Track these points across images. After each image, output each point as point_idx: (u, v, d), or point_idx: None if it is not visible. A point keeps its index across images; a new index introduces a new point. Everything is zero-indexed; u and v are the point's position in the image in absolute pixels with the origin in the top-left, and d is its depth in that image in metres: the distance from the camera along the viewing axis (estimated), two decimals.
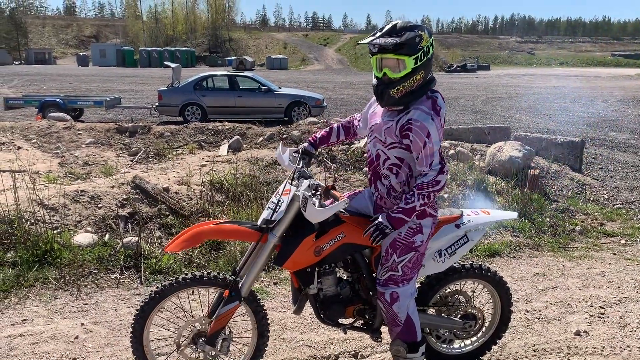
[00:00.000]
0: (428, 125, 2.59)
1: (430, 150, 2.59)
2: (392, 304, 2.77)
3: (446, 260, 3.01)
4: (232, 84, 15.41)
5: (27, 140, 9.02)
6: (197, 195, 5.94)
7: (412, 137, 2.63)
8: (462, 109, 20.09)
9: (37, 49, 75.61)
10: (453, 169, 7.41)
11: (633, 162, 10.46)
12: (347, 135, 3.21)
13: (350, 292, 3.01)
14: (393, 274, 2.79)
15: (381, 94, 2.72)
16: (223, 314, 2.76)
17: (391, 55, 2.62)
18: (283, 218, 2.71)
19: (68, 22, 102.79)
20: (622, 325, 3.98)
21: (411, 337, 2.84)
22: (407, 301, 2.79)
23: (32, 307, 4.03)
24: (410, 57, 2.60)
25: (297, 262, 2.77)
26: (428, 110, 2.63)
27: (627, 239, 6.08)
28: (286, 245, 2.75)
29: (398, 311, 2.77)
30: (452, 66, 65.18)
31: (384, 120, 2.79)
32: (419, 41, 2.61)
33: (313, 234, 2.76)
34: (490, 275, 3.20)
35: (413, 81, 2.65)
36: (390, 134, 2.74)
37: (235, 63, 61.16)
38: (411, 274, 2.81)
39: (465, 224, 3.04)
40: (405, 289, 2.80)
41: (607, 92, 28.43)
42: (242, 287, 2.79)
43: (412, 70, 2.63)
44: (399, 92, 2.66)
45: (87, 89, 25.73)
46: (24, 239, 4.63)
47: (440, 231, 2.98)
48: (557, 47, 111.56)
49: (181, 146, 9.05)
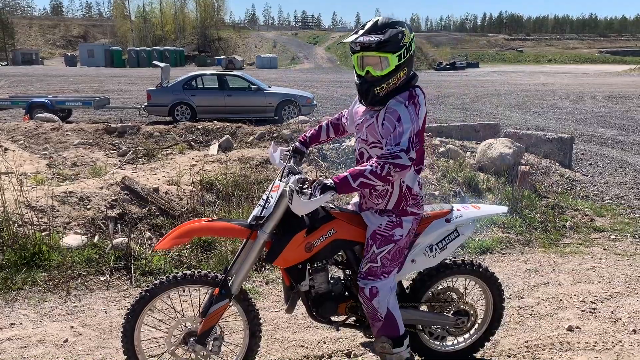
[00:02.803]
0: (399, 110, 2.60)
1: (398, 132, 2.56)
2: (371, 299, 2.76)
3: (437, 255, 3.02)
4: (222, 83, 15.34)
5: (14, 141, 8.91)
6: (188, 196, 5.90)
7: (386, 124, 2.64)
8: (452, 107, 20.15)
9: (24, 49, 74.76)
10: (444, 166, 7.42)
11: (622, 157, 10.54)
12: (336, 133, 3.21)
13: (342, 289, 3.01)
14: (372, 265, 2.79)
15: (365, 92, 2.70)
16: (213, 313, 2.74)
17: (375, 53, 2.60)
18: (272, 214, 2.71)
19: (55, 22, 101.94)
20: (613, 320, 4.00)
21: (394, 332, 2.83)
22: (386, 296, 2.78)
23: (21, 310, 3.97)
24: (393, 55, 2.60)
25: (288, 259, 2.76)
26: (403, 99, 2.64)
27: (616, 234, 6.12)
28: (277, 242, 2.74)
29: (378, 306, 2.76)
30: (442, 64, 65.40)
31: (366, 118, 2.80)
32: (401, 38, 2.61)
33: (304, 230, 2.75)
34: (481, 271, 3.20)
35: (397, 78, 2.65)
36: (371, 132, 2.74)
37: (224, 62, 60.94)
38: (390, 266, 2.81)
39: (455, 219, 3.05)
40: (384, 283, 2.79)
41: (595, 89, 28.65)
42: (232, 285, 2.78)
43: (395, 68, 2.62)
44: (384, 90, 2.65)
45: (75, 90, 25.50)
46: (11, 241, 4.56)
47: (430, 226, 2.99)
48: (545, 44, 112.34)
49: (171, 146, 8.98)
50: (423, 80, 33.96)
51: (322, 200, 2.48)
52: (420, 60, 66.92)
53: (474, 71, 57.70)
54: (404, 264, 2.97)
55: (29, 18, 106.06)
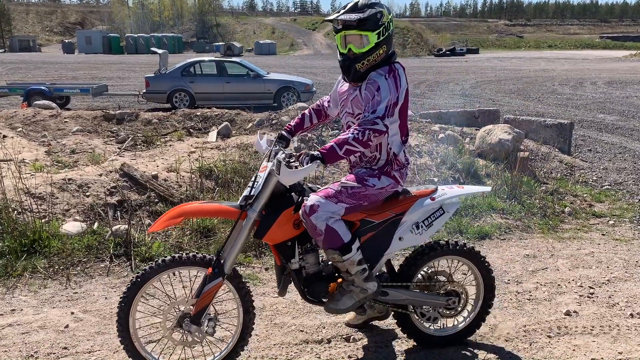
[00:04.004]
0: (379, 81, 2.80)
1: (376, 101, 2.76)
2: (310, 214, 2.77)
3: (424, 232, 3.11)
4: (221, 69, 15.27)
5: (13, 129, 8.88)
6: (187, 182, 5.90)
7: (365, 93, 2.83)
8: (452, 93, 20.09)
9: (21, 36, 74.31)
10: (443, 152, 7.41)
11: (621, 143, 10.53)
12: (319, 118, 3.35)
13: (333, 269, 3.07)
14: (330, 187, 2.88)
15: (347, 68, 2.90)
16: (207, 292, 2.79)
17: (355, 31, 2.81)
18: (261, 192, 2.79)
19: (52, 9, 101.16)
20: (611, 305, 4.02)
21: (337, 242, 2.82)
22: (325, 215, 2.77)
23: (21, 296, 3.99)
24: (373, 32, 2.80)
25: (277, 235, 2.84)
26: (383, 72, 2.84)
27: (615, 220, 6.13)
28: (266, 219, 2.82)
29: (316, 222, 2.76)
30: (441, 50, 65.06)
31: (350, 92, 2.99)
32: (380, 17, 2.82)
33: (292, 207, 2.85)
34: (459, 249, 3.23)
35: (377, 55, 2.85)
36: (356, 104, 2.94)
37: (223, 49, 60.63)
38: (343, 198, 2.86)
39: (439, 197, 3.13)
40: (328, 204, 2.80)
41: (595, 75, 28.55)
42: (224, 263, 2.83)
43: (375, 45, 2.83)
44: (364, 66, 2.86)
45: (73, 77, 25.40)
46: (11, 228, 4.56)
47: (416, 204, 3.08)
48: (545, 30, 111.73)
49: (169, 133, 8.95)
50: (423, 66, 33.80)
51: (309, 169, 2.61)
52: (420, 46, 66.65)
53: (474, 57, 57.42)
54: (392, 242, 3.03)
55: (26, 4, 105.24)
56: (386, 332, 3.55)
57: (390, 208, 3.03)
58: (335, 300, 2.99)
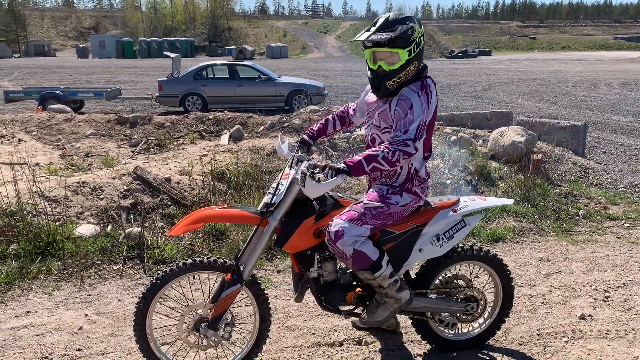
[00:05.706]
0: (412, 98, 2.74)
1: (409, 120, 2.70)
2: (335, 240, 2.71)
3: (444, 245, 3.05)
4: (232, 73, 15.35)
5: (28, 132, 9.00)
6: (199, 185, 5.93)
7: (397, 110, 2.76)
8: (464, 95, 19.99)
9: (36, 41, 75.21)
10: (455, 155, 7.38)
11: (636, 145, 10.40)
12: (342, 125, 3.30)
13: (350, 278, 3.05)
14: (354, 209, 2.82)
15: (378, 85, 2.83)
16: (225, 297, 2.78)
17: (386, 49, 2.73)
18: (283, 201, 2.76)
19: (67, 14, 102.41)
20: (626, 309, 3.97)
21: (367, 263, 2.78)
22: (351, 240, 2.72)
23: (36, 298, 4.03)
24: (404, 50, 2.74)
25: (297, 244, 2.82)
26: (415, 88, 2.78)
27: (630, 222, 6.05)
28: (286, 227, 2.80)
29: (342, 248, 2.71)
30: (453, 52, 64.83)
31: (379, 105, 2.92)
32: (411, 33, 2.74)
33: (313, 216, 2.83)
34: (483, 255, 3.20)
35: (407, 72, 2.79)
36: (384, 118, 2.86)
37: (235, 52, 60.86)
38: (368, 220, 2.80)
39: (462, 209, 3.08)
40: (354, 229, 2.74)
41: (609, 76, 28.25)
42: (243, 270, 2.82)
43: (406, 62, 2.75)
44: (395, 84, 2.79)
45: (87, 81, 25.66)
46: (26, 231, 4.62)
47: (437, 216, 3.03)
48: (558, 31, 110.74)
49: (182, 136, 9.01)
50: (435, 68, 33.51)
51: (335, 182, 2.56)
52: (432, 48, 66.38)
53: (486, 59, 57.11)
54: (412, 253, 2.99)
55: (41, 10, 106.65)
56: (398, 335, 3.54)
57: (411, 219, 3.00)
58: (371, 313, 2.97)
